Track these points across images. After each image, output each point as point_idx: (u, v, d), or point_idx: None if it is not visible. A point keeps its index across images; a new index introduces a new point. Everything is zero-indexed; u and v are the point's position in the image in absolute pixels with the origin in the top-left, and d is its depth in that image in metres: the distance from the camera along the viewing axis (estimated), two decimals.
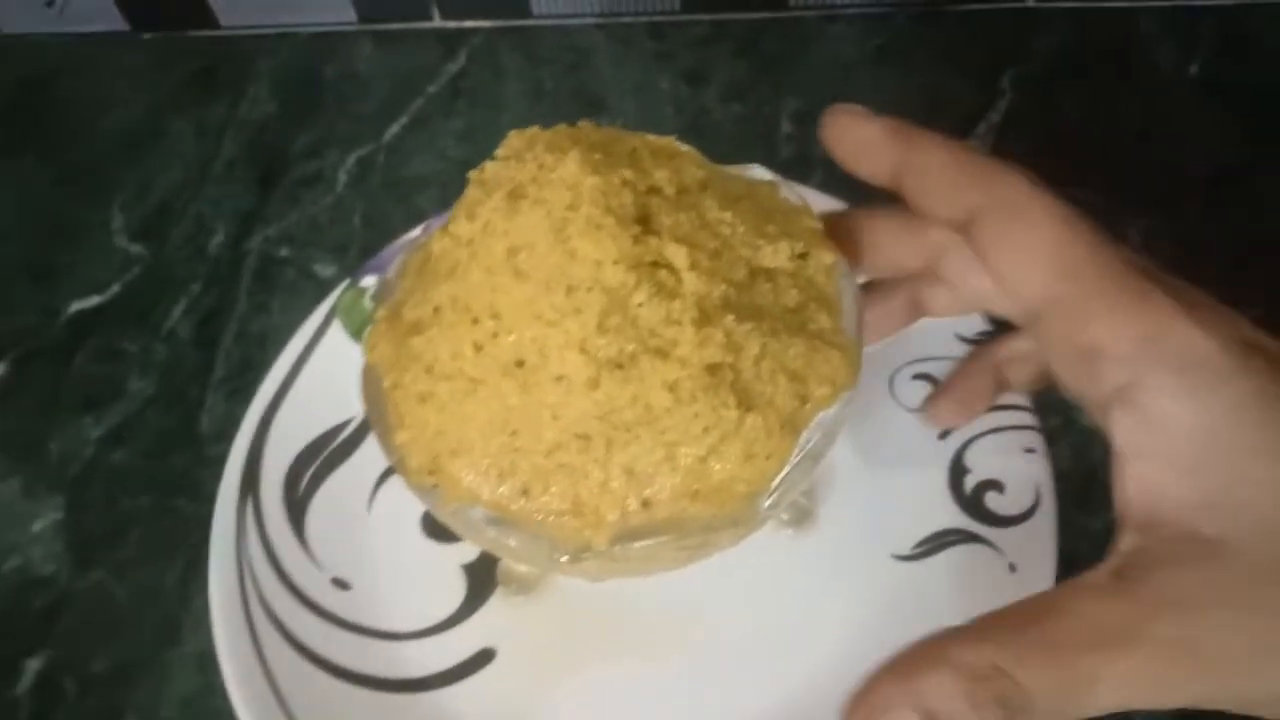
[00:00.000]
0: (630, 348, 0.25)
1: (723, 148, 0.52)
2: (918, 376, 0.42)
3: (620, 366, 0.25)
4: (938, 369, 0.42)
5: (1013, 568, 0.37)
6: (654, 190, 0.26)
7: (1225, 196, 0.47)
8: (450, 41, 0.58)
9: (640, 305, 0.25)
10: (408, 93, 0.57)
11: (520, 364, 0.25)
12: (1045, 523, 0.37)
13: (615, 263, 0.24)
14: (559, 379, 0.25)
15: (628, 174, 0.25)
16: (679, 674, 0.37)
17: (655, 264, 0.25)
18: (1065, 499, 0.37)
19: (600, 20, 0.58)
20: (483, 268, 0.25)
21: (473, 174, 0.27)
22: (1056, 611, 0.22)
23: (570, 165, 0.25)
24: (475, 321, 0.26)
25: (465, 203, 0.27)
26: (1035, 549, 0.37)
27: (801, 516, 0.39)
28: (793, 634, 0.37)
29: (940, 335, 0.42)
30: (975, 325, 0.42)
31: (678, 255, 0.25)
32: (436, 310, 0.27)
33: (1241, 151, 0.49)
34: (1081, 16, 0.55)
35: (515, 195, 0.25)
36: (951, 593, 0.37)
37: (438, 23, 0.59)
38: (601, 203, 0.24)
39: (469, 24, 0.59)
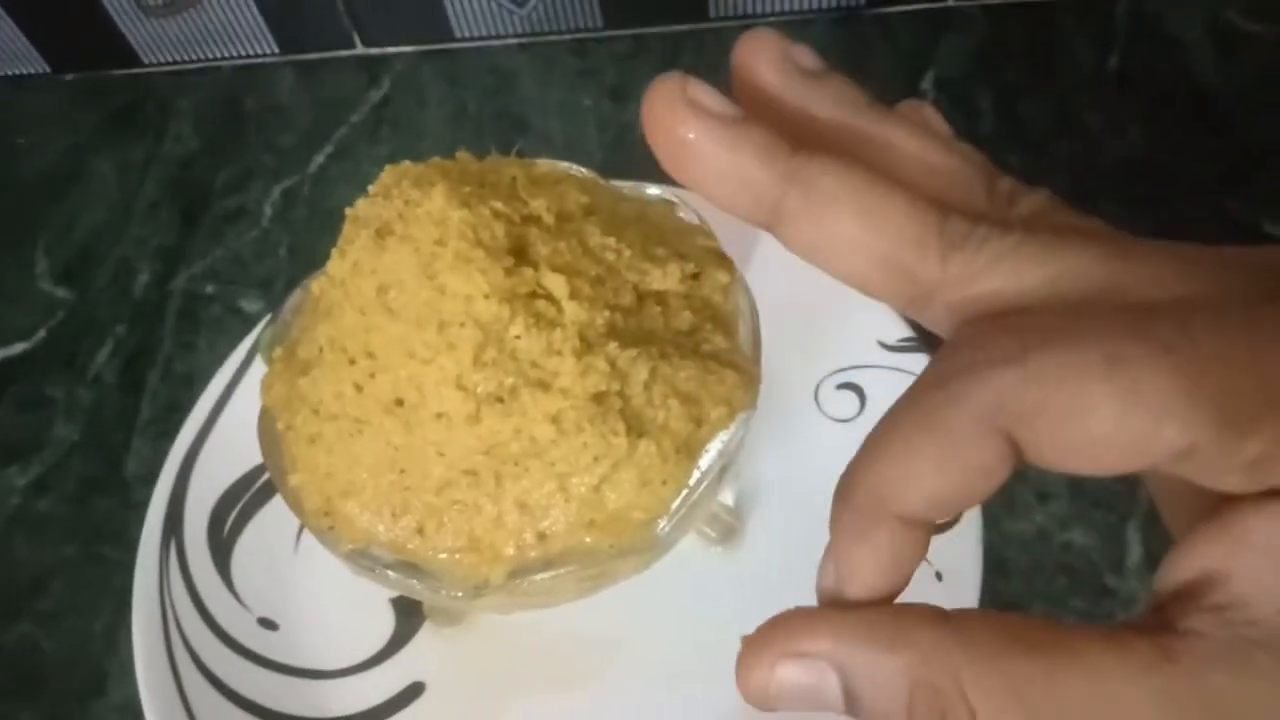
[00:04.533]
0: (509, 381, 0.25)
1: (649, 164, 0.52)
2: (843, 386, 0.42)
3: (500, 400, 0.25)
4: (862, 377, 0.42)
5: (939, 576, 0.36)
6: (531, 219, 0.26)
7: (1146, 188, 0.47)
8: (373, 68, 0.58)
9: (518, 337, 0.25)
10: (331, 122, 0.56)
11: (400, 403, 0.25)
12: (970, 530, 0.37)
13: (487, 296, 0.24)
14: (439, 416, 0.25)
15: (499, 205, 0.25)
16: (613, 700, 0.36)
17: (533, 294, 0.25)
18: (989, 504, 0.37)
19: (523, 40, 0.58)
20: (355, 307, 0.25)
21: (347, 211, 0.27)
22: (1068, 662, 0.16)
23: (436, 199, 0.24)
24: (353, 362, 0.25)
25: (339, 241, 0.26)
26: (961, 556, 0.36)
27: (729, 534, 0.39)
28: (726, 653, 0.36)
29: (863, 342, 0.42)
30: (898, 331, 0.41)
31: (556, 284, 0.25)
32: (320, 351, 0.27)
33: (1161, 142, 0.49)
34: (999, 13, 0.55)
35: (382, 233, 0.25)
36: None
37: (360, 50, 0.59)
38: (470, 236, 0.24)
39: (391, 50, 0.58)
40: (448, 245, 0.24)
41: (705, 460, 0.27)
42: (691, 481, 0.27)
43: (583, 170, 0.32)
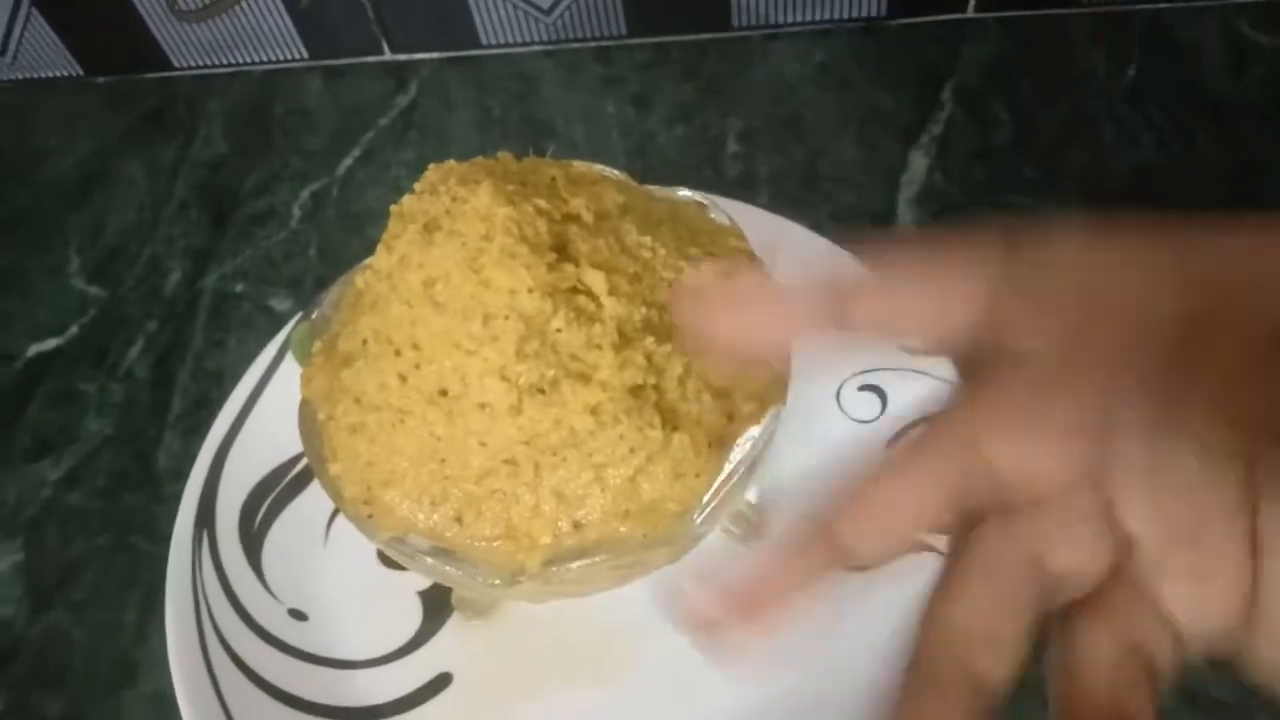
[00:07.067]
0: (551, 373, 0.25)
1: (670, 170, 0.54)
2: (865, 388, 0.43)
3: (541, 391, 0.25)
4: (884, 379, 0.42)
5: None
6: (571, 218, 0.27)
7: (1160, 197, 0.48)
8: (400, 74, 0.59)
9: (559, 331, 0.25)
10: (359, 126, 0.57)
11: (444, 393, 0.26)
12: None
13: (530, 290, 0.25)
14: (482, 406, 0.25)
15: (542, 203, 0.26)
16: (637, 694, 0.37)
17: (574, 290, 0.26)
18: None
19: (548, 47, 0.59)
20: (402, 300, 0.26)
21: (393, 208, 0.28)
22: None
23: (483, 197, 0.25)
24: (398, 353, 0.26)
25: (385, 236, 0.27)
26: None
27: (751, 531, 0.39)
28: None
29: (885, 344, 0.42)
30: None
31: (596, 280, 0.26)
32: (364, 343, 0.27)
33: (1175, 152, 0.50)
34: (1016, 25, 0.56)
35: (430, 228, 0.26)
36: (902, 600, 0.37)
37: (387, 56, 0.60)
38: (515, 232, 0.25)
39: (418, 56, 0.59)
40: (494, 241, 0.25)
41: (737, 454, 0.28)
42: (723, 474, 0.28)
43: (616, 172, 0.32)
